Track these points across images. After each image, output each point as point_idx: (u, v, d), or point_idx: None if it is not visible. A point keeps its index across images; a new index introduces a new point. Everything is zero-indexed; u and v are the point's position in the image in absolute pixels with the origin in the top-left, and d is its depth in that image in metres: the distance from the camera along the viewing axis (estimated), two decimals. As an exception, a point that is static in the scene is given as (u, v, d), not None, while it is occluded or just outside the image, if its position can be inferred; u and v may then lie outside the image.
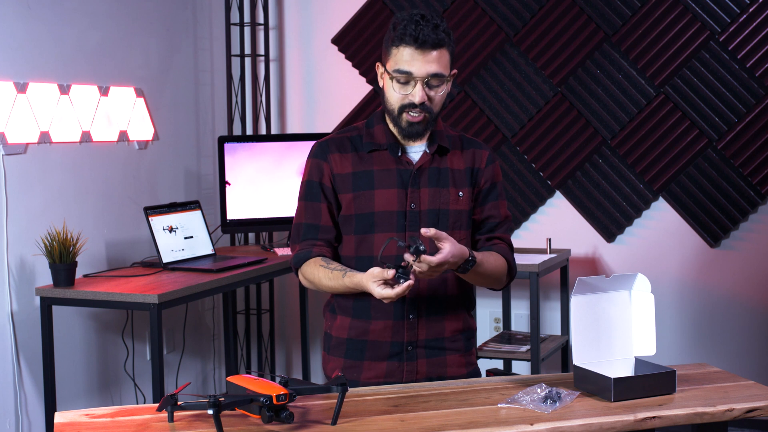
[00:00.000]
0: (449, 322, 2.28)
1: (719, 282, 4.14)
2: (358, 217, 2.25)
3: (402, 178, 2.25)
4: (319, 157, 2.30)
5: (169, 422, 1.90)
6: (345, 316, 2.30)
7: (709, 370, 2.29)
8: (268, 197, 4.12)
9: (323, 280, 2.22)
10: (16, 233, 3.39)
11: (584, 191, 4.26)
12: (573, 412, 1.95)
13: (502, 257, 2.31)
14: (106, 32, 3.86)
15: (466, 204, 2.28)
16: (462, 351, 2.31)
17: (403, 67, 2.16)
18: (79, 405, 3.66)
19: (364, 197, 2.24)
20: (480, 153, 2.33)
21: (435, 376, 2.26)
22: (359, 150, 2.28)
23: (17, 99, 3.39)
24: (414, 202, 2.23)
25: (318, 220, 2.28)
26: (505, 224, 2.35)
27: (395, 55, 2.18)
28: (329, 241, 2.29)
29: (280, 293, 4.74)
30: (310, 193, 2.29)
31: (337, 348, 2.31)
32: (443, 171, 2.27)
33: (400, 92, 2.19)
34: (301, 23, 4.66)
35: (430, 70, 2.16)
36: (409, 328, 2.24)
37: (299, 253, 2.29)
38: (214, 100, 4.58)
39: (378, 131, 2.28)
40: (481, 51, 4.35)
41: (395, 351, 2.25)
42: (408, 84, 2.18)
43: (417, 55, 2.15)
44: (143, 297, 3.20)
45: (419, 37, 2.13)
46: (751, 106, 4.02)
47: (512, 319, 4.37)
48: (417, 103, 2.18)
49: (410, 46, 2.15)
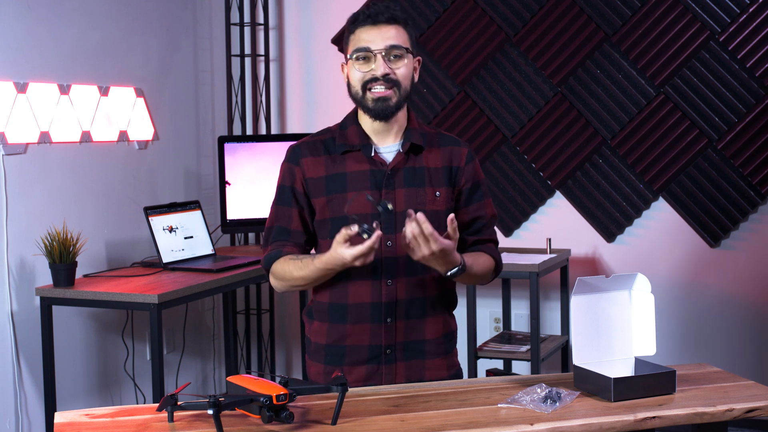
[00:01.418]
0: (429, 325, 2.24)
1: (719, 282, 4.14)
2: (333, 220, 2.21)
3: (376, 179, 2.21)
4: (291, 161, 2.28)
5: (169, 422, 1.90)
6: (321, 321, 2.26)
7: (709, 370, 2.29)
8: (268, 197, 4.06)
9: (294, 272, 2.18)
10: (16, 233, 3.39)
11: (584, 191, 4.26)
12: (573, 412, 1.95)
13: (489, 257, 2.29)
14: (106, 32, 3.86)
15: (443, 204, 2.24)
16: (442, 354, 2.27)
17: (361, 45, 2.19)
18: (79, 405, 3.66)
19: (337, 200, 2.21)
20: (458, 150, 2.29)
21: (415, 379, 2.23)
22: (332, 152, 2.25)
23: (17, 99, 3.39)
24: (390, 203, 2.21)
25: (289, 225, 2.26)
26: (492, 224, 2.33)
27: (353, 39, 2.22)
28: (300, 245, 2.27)
29: (280, 293, 4.73)
30: (282, 197, 2.28)
31: (317, 353, 2.28)
32: (419, 170, 2.23)
33: (361, 70, 2.20)
34: (301, 23, 4.67)
35: (387, 42, 2.17)
36: (387, 332, 2.20)
37: (270, 254, 2.26)
38: (214, 100, 4.58)
39: (351, 132, 2.26)
40: (481, 51, 4.35)
41: (374, 354, 2.21)
42: (369, 61, 2.19)
43: (372, 31, 2.18)
44: (143, 297, 3.21)
45: (371, 14, 2.18)
46: (751, 106, 4.02)
47: (512, 319, 4.37)
48: (380, 75, 2.17)
49: (365, 24, 2.19)
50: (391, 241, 2.19)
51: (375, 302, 2.20)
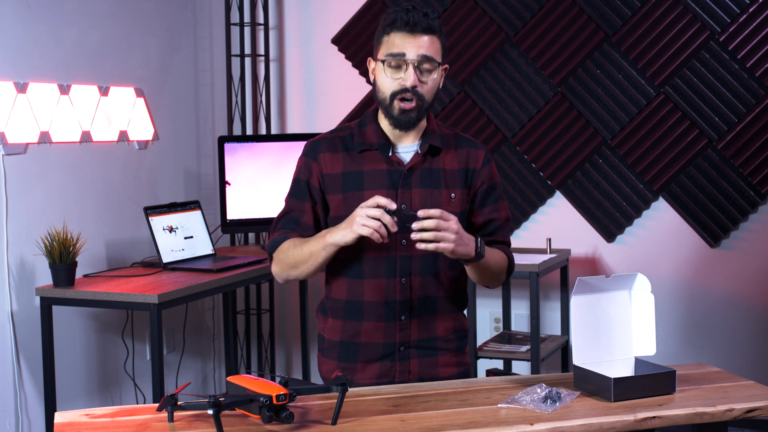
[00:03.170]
0: (441, 322, 2.27)
1: (719, 282, 4.14)
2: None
3: (392, 178, 2.22)
4: (309, 156, 2.28)
5: (169, 422, 1.90)
6: (336, 318, 2.28)
7: (709, 370, 2.29)
8: (268, 197, 4.11)
9: (302, 248, 2.17)
10: (16, 233, 3.39)
11: (584, 191, 4.26)
12: (573, 412, 1.95)
13: (504, 254, 2.32)
14: (106, 32, 3.86)
15: (458, 206, 2.25)
16: (454, 351, 2.30)
17: (395, 50, 2.17)
18: (79, 405, 3.66)
19: (353, 198, 2.21)
20: (475, 153, 2.30)
21: (427, 376, 2.25)
22: (350, 150, 2.26)
23: (17, 99, 3.39)
24: (405, 203, 2.21)
25: (300, 217, 2.27)
26: (506, 226, 2.35)
27: (386, 42, 2.19)
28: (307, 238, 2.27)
29: (280, 293, 4.74)
30: (297, 190, 2.28)
31: (330, 350, 2.30)
32: (435, 171, 2.25)
33: (392, 77, 2.18)
34: (301, 23, 4.67)
35: (421, 51, 2.17)
36: (401, 329, 2.23)
37: (275, 239, 2.26)
38: (214, 100, 4.58)
39: (370, 131, 2.26)
40: (481, 51, 4.35)
41: (388, 352, 2.23)
42: (400, 68, 2.18)
43: (408, 39, 2.17)
44: (143, 297, 3.20)
45: (410, 21, 2.16)
46: (751, 106, 4.02)
47: (512, 319, 4.37)
48: (409, 86, 2.17)
49: (402, 30, 2.17)
50: (406, 239, 2.19)
51: (390, 300, 2.21)
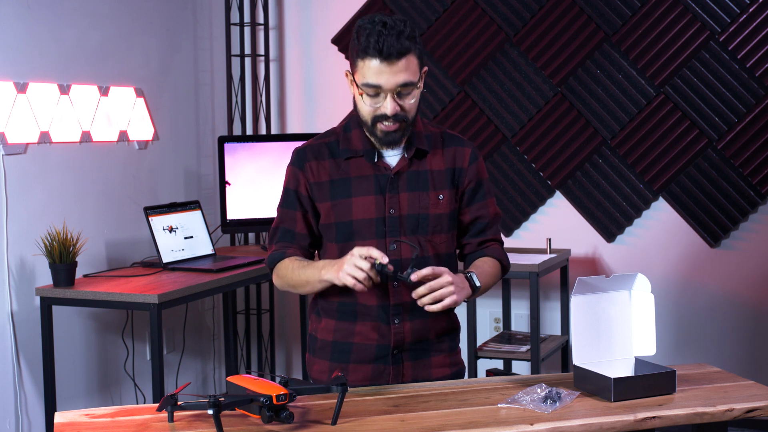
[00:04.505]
0: (434, 324, 2.26)
1: (719, 282, 4.14)
2: (338, 225, 2.23)
3: (379, 183, 2.22)
4: (296, 165, 2.27)
5: (169, 422, 1.90)
6: (329, 318, 2.28)
7: (709, 370, 2.29)
8: (268, 197, 4.11)
9: (300, 274, 2.21)
10: (16, 233, 3.39)
11: (584, 191, 4.26)
12: (573, 412, 1.95)
13: (496, 261, 2.31)
14: (106, 32, 3.86)
15: (446, 207, 2.24)
16: (447, 352, 2.30)
17: (371, 81, 2.11)
18: (79, 405, 3.66)
19: (342, 205, 2.22)
20: (462, 151, 2.29)
21: (420, 378, 2.24)
22: (336, 156, 2.25)
23: (17, 99, 3.39)
24: (393, 208, 2.20)
25: (294, 227, 2.28)
26: (495, 223, 2.33)
27: (362, 68, 2.12)
28: (304, 247, 2.29)
29: (280, 293, 4.74)
30: (287, 200, 2.29)
31: (323, 350, 2.29)
32: (422, 174, 2.24)
33: (371, 105, 2.14)
34: (301, 23, 4.67)
35: (398, 80, 2.10)
36: (396, 332, 2.22)
37: (274, 254, 2.29)
38: (214, 100, 4.58)
39: (355, 136, 2.24)
40: (481, 51, 4.35)
41: (381, 354, 2.23)
42: (378, 96, 2.13)
43: (383, 68, 2.09)
44: (143, 297, 3.21)
45: (383, 50, 2.07)
46: (751, 106, 4.02)
47: (512, 319, 4.37)
48: (389, 114, 2.13)
49: (375, 58, 2.09)
50: (396, 244, 2.19)
51: (382, 304, 2.21)
